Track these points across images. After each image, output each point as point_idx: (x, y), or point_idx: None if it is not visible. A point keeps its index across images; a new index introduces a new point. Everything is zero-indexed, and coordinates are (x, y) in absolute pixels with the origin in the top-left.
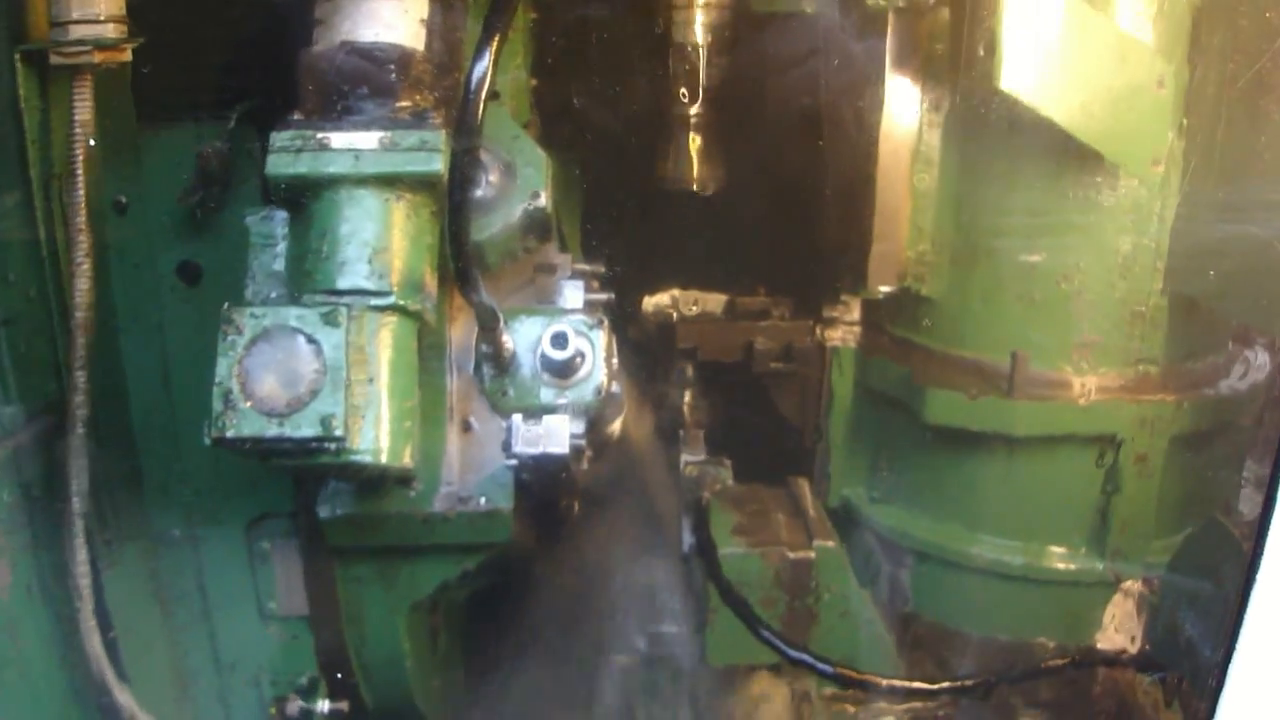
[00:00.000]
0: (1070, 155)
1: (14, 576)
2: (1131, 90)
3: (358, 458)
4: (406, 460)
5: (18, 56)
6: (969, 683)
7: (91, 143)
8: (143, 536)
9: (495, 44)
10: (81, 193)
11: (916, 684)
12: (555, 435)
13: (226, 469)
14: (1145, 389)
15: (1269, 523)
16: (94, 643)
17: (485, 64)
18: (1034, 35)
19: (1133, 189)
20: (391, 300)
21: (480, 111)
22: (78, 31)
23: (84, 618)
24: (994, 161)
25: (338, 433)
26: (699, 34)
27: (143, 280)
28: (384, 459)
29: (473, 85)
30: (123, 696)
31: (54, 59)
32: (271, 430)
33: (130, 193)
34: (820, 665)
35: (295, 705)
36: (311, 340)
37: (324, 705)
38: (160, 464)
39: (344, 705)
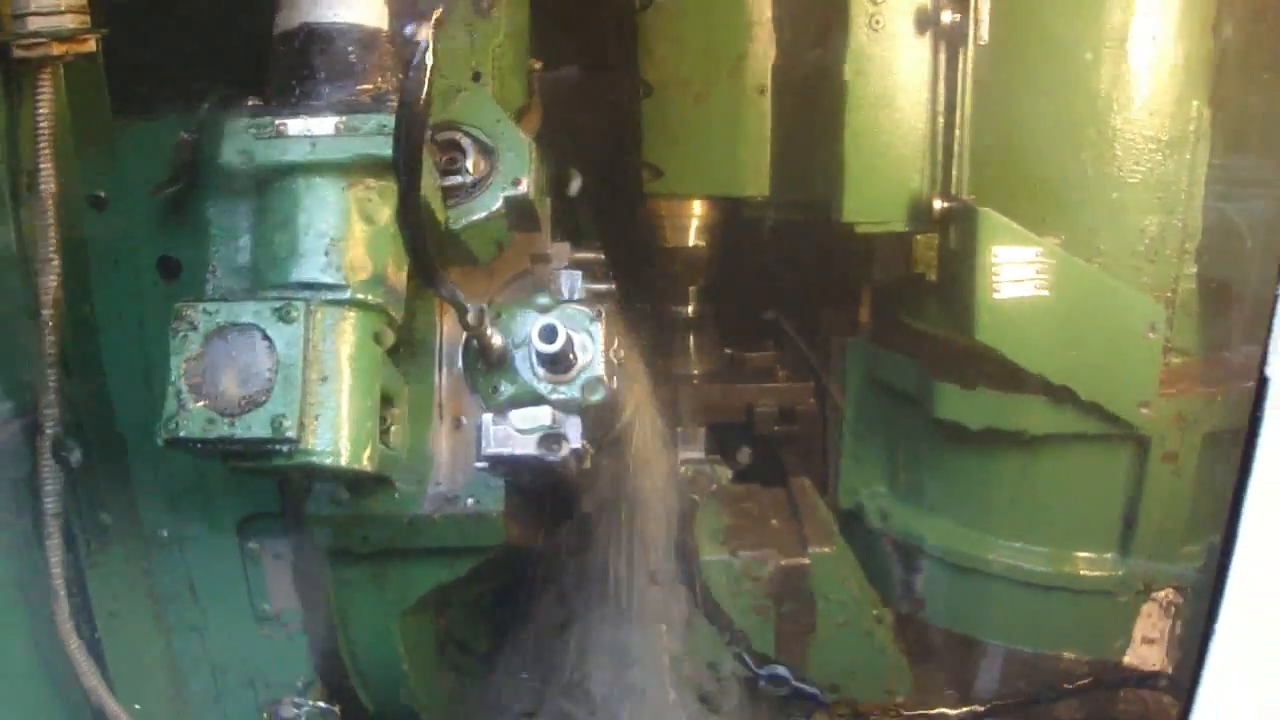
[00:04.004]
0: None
1: None
2: (1121, 339)
3: (313, 459)
4: (367, 462)
5: None
6: (981, 708)
7: (56, 137)
8: (131, 536)
9: (438, 13)
10: (48, 188)
11: (915, 712)
12: (525, 435)
13: (214, 467)
14: (1176, 382)
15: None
16: (71, 644)
17: (426, 36)
18: (1013, 291)
19: (1158, 164)
20: (348, 294)
21: (422, 88)
22: (35, 23)
23: (60, 619)
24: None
25: (290, 434)
26: None
27: (123, 277)
28: (342, 461)
29: (415, 60)
30: (101, 696)
31: (15, 52)
32: (223, 431)
33: (109, 187)
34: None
35: (289, 708)
36: (265, 337)
37: (317, 708)
38: (147, 462)
39: (337, 709)
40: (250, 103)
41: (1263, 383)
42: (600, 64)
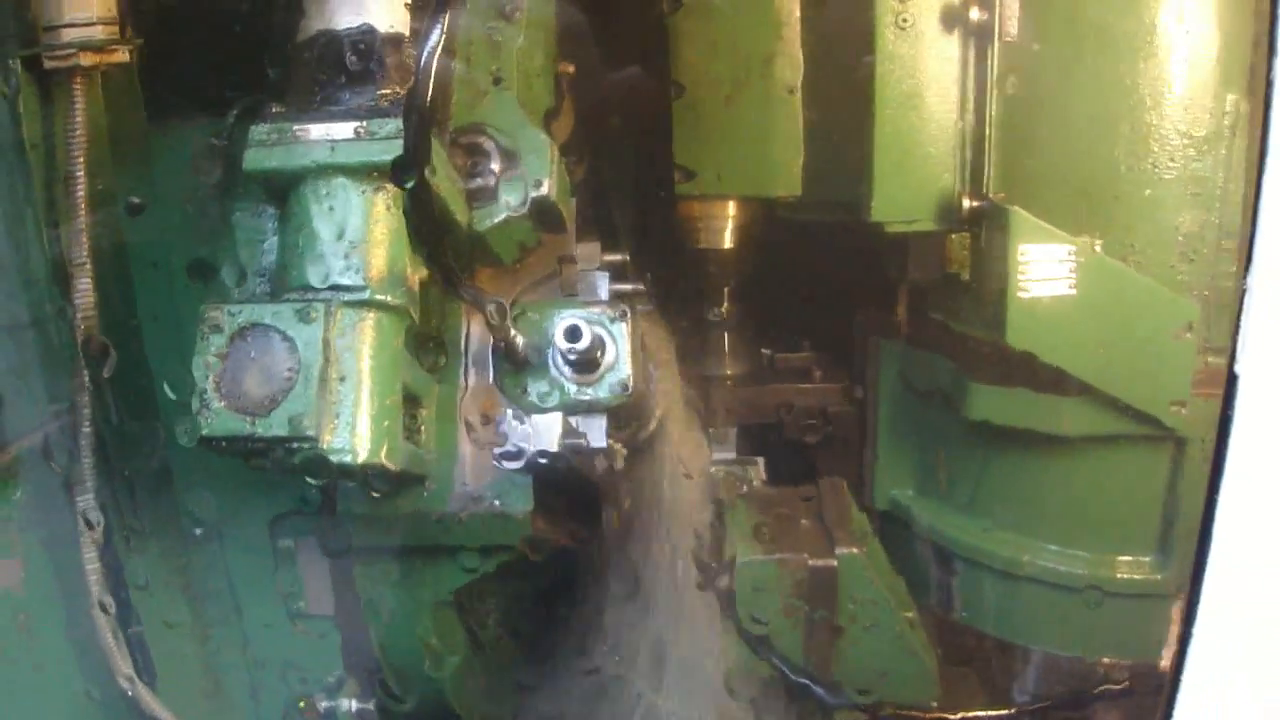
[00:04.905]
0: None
1: (27, 573)
2: (1156, 339)
3: (332, 458)
4: (385, 459)
5: (17, 62)
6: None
7: (93, 144)
8: (170, 532)
9: (446, 17)
10: (81, 194)
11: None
12: (546, 434)
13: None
14: (1214, 383)
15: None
16: (108, 639)
17: (434, 40)
18: (1044, 290)
19: (1194, 159)
20: (368, 295)
21: (428, 92)
22: (67, 35)
23: (98, 614)
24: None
25: (309, 432)
26: None
27: (161, 280)
28: (360, 459)
29: (421, 62)
30: (140, 691)
31: (47, 63)
32: (245, 429)
33: (144, 192)
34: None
35: (321, 704)
36: (286, 338)
37: (351, 704)
38: (186, 460)
39: (371, 705)
40: (273, 108)
41: (1232, 380)
42: (631, 67)
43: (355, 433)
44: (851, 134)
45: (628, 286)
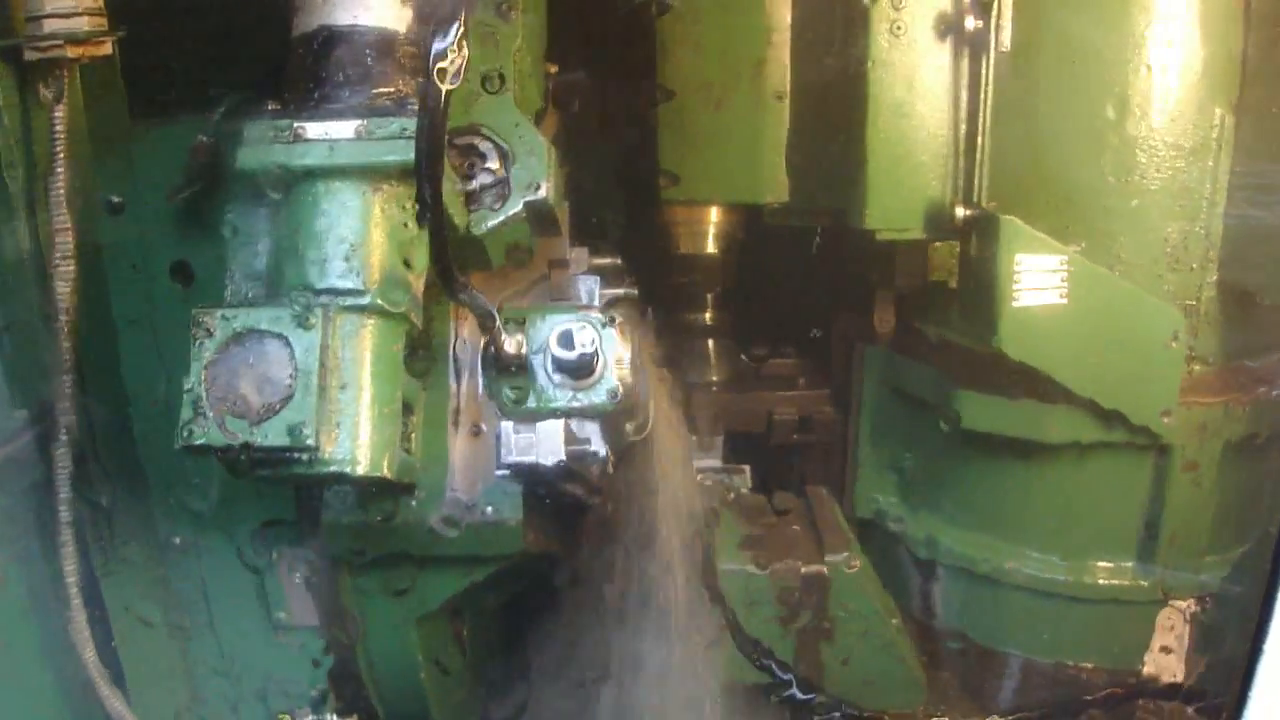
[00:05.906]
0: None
1: (2, 586)
2: (1143, 347)
3: (332, 468)
4: (386, 470)
5: None
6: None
7: (72, 141)
8: (147, 543)
9: (462, 16)
10: (62, 191)
11: None
12: (548, 443)
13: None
14: (1197, 390)
15: None
16: (86, 654)
17: (450, 38)
18: (1035, 299)
19: (1180, 170)
20: (368, 300)
21: (442, 92)
22: (50, 25)
23: (76, 626)
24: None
25: (309, 442)
26: None
27: (140, 282)
28: (361, 469)
29: (432, 61)
30: (115, 706)
31: (28, 54)
32: (240, 438)
33: (125, 192)
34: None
35: (305, 718)
36: (284, 344)
37: (333, 719)
38: (163, 469)
39: (354, 719)
40: (269, 106)
41: None
42: (617, 69)
43: (357, 442)
44: (842, 141)
45: (619, 291)
